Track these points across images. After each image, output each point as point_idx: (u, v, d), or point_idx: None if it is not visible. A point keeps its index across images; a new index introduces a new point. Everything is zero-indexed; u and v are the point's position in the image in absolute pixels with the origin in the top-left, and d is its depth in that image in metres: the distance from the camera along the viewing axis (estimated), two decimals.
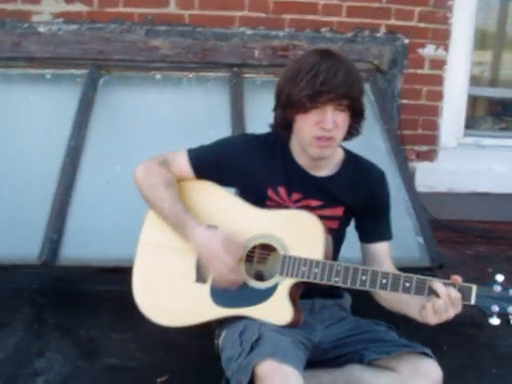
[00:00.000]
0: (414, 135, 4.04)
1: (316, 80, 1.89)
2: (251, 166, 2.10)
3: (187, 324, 2.06)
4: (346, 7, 3.80)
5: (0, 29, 3.65)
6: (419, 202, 3.03)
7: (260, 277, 2.04)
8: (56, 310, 2.70)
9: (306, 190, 2.09)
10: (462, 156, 4.11)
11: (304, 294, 2.03)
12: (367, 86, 3.71)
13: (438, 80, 3.98)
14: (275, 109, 2.08)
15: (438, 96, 4.01)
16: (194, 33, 3.73)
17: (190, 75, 3.73)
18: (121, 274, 2.25)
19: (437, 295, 1.83)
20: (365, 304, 2.14)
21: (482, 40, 4.37)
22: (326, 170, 2.11)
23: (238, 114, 3.41)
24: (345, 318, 2.17)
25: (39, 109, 3.45)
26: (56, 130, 3.28)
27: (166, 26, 3.72)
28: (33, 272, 2.77)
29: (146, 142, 3.27)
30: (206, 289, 2.03)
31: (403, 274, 1.90)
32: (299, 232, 2.00)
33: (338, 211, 2.12)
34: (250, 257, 2.03)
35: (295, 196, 2.09)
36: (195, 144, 2.19)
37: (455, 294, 1.82)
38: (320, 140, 1.96)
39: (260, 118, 2.18)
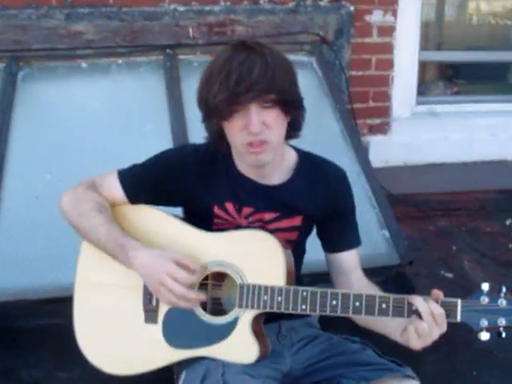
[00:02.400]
0: (365, 108, 3.83)
1: (229, 80, 1.62)
2: (192, 184, 1.84)
3: (142, 371, 1.82)
4: None
5: None
6: (381, 190, 2.81)
7: (217, 306, 1.80)
8: None
9: (256, 202, 1.84)
10: (415, 126, 3.94)
11: (269, 316, 1.79)
12: (313, 60, 3.49)
13: (388, 48, 3.76)
14: (203, 120, 1.80)
15: (389, 65, 3.80)
16: (121, 14, 3.40)
17: (120, 61, 3.43)
18: (61, 305, 1.98)
19: (418, 315, 1.61)
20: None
21: None
22: (276, 176, 1.86)
23: (175, 102, 3.15)
24: (315, 338, 1.95)
25: None
26: None
27: (89, 7, 3.37)
28: None
29: (75, 143, 3.00)
30: (157, 329, 1.78)
31: (378, 294, 1.66)
32: (255, 255, 1.75)
33: (296, 221, 1.88)
34: (203, 285, 1.78)
35: (246, 210, 1.84)
36: (131, 141, 1.90)
37: (438, 311, 1.60)
38: (252, 146, 1.70)
39: None
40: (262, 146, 1.70)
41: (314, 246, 1.97)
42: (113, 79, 3.37)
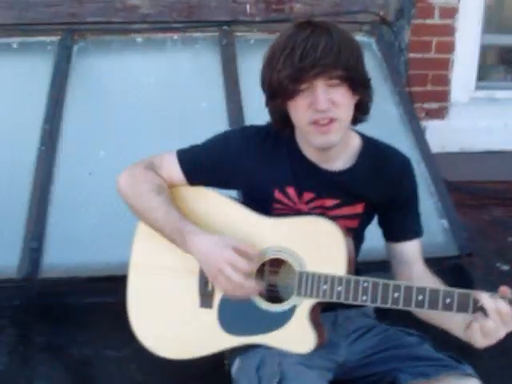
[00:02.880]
0: (423, 92, 3.72)
1: (293, 56, 1.57)
2: (253, 167, 1.79)
3: (195, 356, 1.79)
4: None
5: None
6: (441, 177, 2.71)
7: (274, 293, 1.76)
8: (43, 328, 2.39)
9: (318, 188, 1.78)
10: (474, 112, 3.80)
11: (326, 305, 1.74)
12: (372, 41, 3.39)
13: (449, 30, 3.63)
14: (266, 103, 1.75)
15: (449, 48, 3.67)
16: None
17: (175, 36, 3.37)
18: (113, 283, 2.00)
19: (484, 312, 1.54)
20: None
21: None
22: (340, 162, 1.80)
23: (231, 81, 3.10)
24: (371, 329, 1.90)
25: (6, 85, 3.08)
26: (27, 110, 2.96)
27: None
28: (13, 287, 2.44)
29: (130, 119, 2.98)
30: (212, 315, 1.75)
31: (442, 289, 1.59)
32: (316, 243, 1.70)
33: (358, 208, 1.82)
34: (260, 272, 1.74)
35: (307, 196, 1.79)
36: (186, 119, 1.85)
37: (506, 310, 1.52)
38: (318, 125, 1.64)
39: (257, 84, 1.79)
40: (330, 124, 1.64)
41: (369, 234, 1.90)
42: (168, 55, 3.33)
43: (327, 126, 1.64)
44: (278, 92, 1.65)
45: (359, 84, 1.67)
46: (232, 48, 3.26)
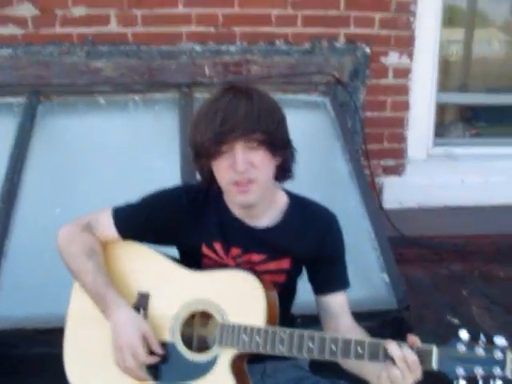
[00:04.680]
0: (380, 149, 3.82)
1: (215, 120, 1.66)
2: (182, 224, 1.87)
3: None
4: (302, 17, 3.56)
5: None
6: (384, 233, 2.80)
7: (203, 344, 1.81)
8: None
9: (245, 243, 1.85)
10: (431, 168, 3.91)
11: (254, 356, 1.78)
12: (326, 101, 3.50)
13: (404, 89, 3.76)
14: (193, 161, 1.84)
15: (404, 106, 3.80)
16: (139, 52, 3.49)
17: (137, 98, 3.50)
18: (60, 334, 1.96)
19: (392, 360, 1.59)
20: None
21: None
22: (265, 218, 1.87)
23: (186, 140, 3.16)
24: (302, 380, 1.93)
25: None
26: None
27: (108, 45, 3.47)
28: None
29: (89, 177, 3.06)
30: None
31: (354, 339, 1.64)
32: (237, 295, 1.77)
33: (284, 264, 1.88)
34: (189, 322, 1.81)
35: (234, 251, 1.86)
36: (141, 178, 1.95)
37: (412, 358, 1.57)
38: (238, 185, 1.72)
39: None
40: (250, 184, 1.72)
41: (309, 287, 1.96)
42: (129, 115, 3.45)
43: (246, 187, 1.72)
44: (202, 152, 1.74)
45: (279, 147, 1.75)
46: (191, 109, 3.36)
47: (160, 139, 3.26)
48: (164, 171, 3.03)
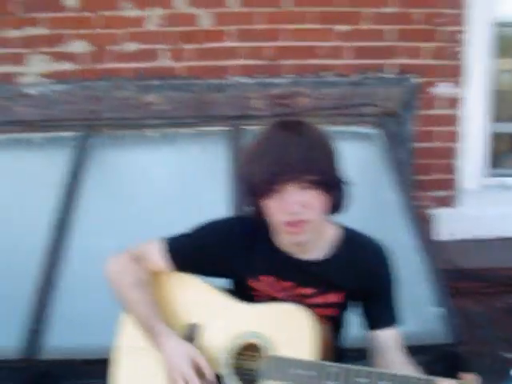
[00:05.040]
0: (430, 180, 3.77)
1: (265, 161, 1.64)
2: (233, 255, 1.86)
3: None
4: (350, 48, 3.57)
5: None
6: (437, 265, 2.73)
7: (251, 377, 1.78)
8: None
9: (295, 277, 1.83)
10: (485, 199, 3.82)
11: None
12: (376, 133, 3.47)
13: (454, 120, 3.71)
14: (244, 196, 1.82)
15: (454, 137, 3.74)
16: (189, 85, 3.55)
17: (187, 131, 3.54)
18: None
19: None
20: None
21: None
22: (315, 252, 1.84)
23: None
24: None
25: (26, 177, 3.28)
26: (43, 200, 3.09)
27: (159, 79, 3.54)
28: (11, 368, 2.50)
29: (140, 210, 3.09)
30: None
31: (412, 375, 1.60)
32: (287, 328, 1.75)
33: (334, 297, 1.85)
34: (239, 355, 1.79)
35: (284, 285, 1.84)
36: (191, 211, 1.95)
37: None
38: (290, 225, 1.70)
39: None
40: (301, 225, 1.70)
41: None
42: (179, 149, 3.49)
43: (298, 227, 1.70)
44: (253, 191, 1.72)
45: (331, 185, 1.72)
46: (240, 141, 3.39)
47: (210, 172, 3.28)
48: (214, 204, 3.03)
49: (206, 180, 3.24)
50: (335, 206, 1.79)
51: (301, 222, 1.69)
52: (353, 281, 1.84)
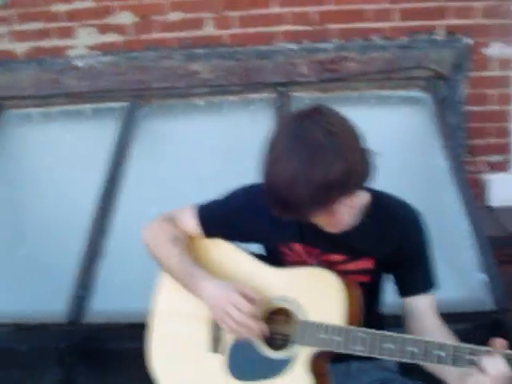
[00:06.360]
0: (485, 144, 3.64)
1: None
2: (261, 223, 1.85)
3: None
4: (398, 10, 3.46)
5: (38, 66, 3.59)
6: (484, 232, 2.65)
7: (282, 342, 1.79)
8: (85, 369, 2.55)
9: (324, 244, 1.81)
10: None
11: (338, 356, 1.74)
12: (426, 97, 3.38)
13: (508, 81, 3.56)
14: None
15: (508, 99, 3.59)
16: (235, 53, 3.52)
17: (234, 98, 3.53)
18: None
19: (480, 368, 1.50)
20: None
21: None
22: None
23: None
24: (387, 382, 1.88)
25: (77, 147, 3.37)
26: (93, 170, 3.15)
27: (205, 48, 3.53)
28: (60, 331, 2.60)
29: (187, 178, 3.13)
30: (223, 360, 1.82)
31: (437, 342, 1.57)
32: (317, 293, 1.75)
33: (366, 264, 1.83)
34: (269, 320, 1.79)
35: (313, 251, 1.83)
36: (236, 178, 1.96)
37: (504, 369, 1.48)
38: (331, 226, 1.72)
39: None
40: (342, 222, 1.71)
41: None
42: (226, 116, 3.49)
43: (339, 225, 1.72)
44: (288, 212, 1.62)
45: (366, 179, 1.65)
46: (287, 108, 3.36)
47: (257, 139, 3.26)
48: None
49: (252, 148, 3.22)
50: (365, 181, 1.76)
51: (342, 219, 1.70)
52: (383, 246, 1.82)
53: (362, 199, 1.83)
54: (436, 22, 3.47)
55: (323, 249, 1.82)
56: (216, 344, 1.84)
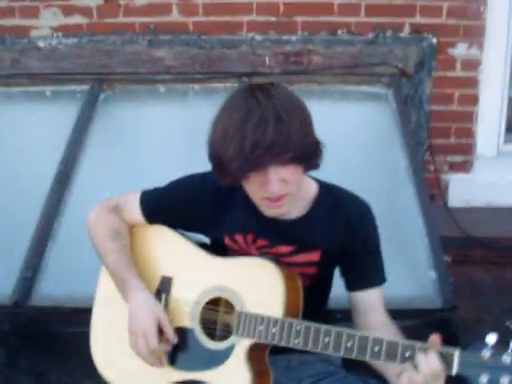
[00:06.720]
0: (446, 144, 3.65)
1: (244, 145, 1.53)
2: (206, 214, 1.84)
3: None
4: (365, 5, 3.44)
5: None
6: (436, 231, 2.67)
7: (225, 332, 1.78)
8: (29, 352, 2.53)
9: (271, 235, 1.80)
10: (501, 166, 3.70)
11: (278, 348, 1.73)
12: (389, 93, 3.39)
13: (472, 82, 3.57)
14: (214, 171, 1.73)
15: (473, 100, 3.60)
16: (200, 41, 3.49)
17: (197, 87, 3.51)
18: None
19: (414, 364, 1.51)
20: None
21: None
22: (294, 209, 1.79)
23: None
24: (329, 375, 1.87)
25: (36, 129, 3.32)
26: (49, 151, 3.12)
27: (170, 34, 3.49)
28: (5, 313, 2.57)
29: (143, 164, 3.09)
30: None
31: (372, 336, 1.57)
32: (257, 283, 1.73)
33: (313, 256, 1.81)
34: (213, 308, 1.80)
35: (260, 242, 1.81)
36: (194, 167, 1.93)
37: (436, 367, 1.48)
38: (271, 201, 1.66)
39: None
40: (282, 199, 1.66)
41: None
42: (189, 104, 3.48)
43: (279, 201, 1.66)
44: (228, 175, 1.63)
45: (310, 157, 1.66)
46: None
47: None
48: None
49: None
50: (313, 166, 1.73)
51: (281, 196, 1.65)
52: (330, 238, 1.80)
53: (309, 189, 1.83)
54: (403, 19, 3.47)
55: (271, 240, 1.80)
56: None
